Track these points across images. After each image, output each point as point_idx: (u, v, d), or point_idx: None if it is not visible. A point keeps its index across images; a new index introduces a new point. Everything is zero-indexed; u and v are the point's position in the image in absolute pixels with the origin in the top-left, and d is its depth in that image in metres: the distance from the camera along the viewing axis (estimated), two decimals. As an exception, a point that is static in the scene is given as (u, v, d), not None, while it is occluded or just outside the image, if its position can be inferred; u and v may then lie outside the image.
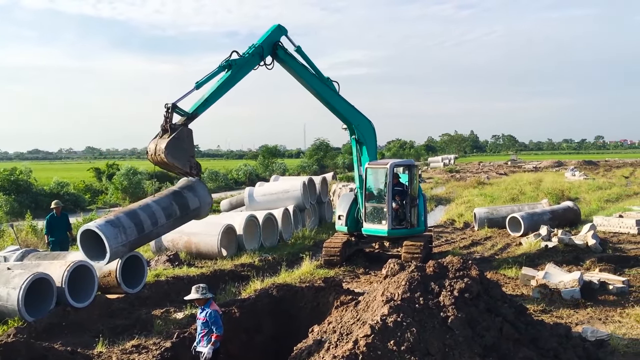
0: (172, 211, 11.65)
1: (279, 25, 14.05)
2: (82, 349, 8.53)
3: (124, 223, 10.65)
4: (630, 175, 51.46)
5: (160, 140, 11.46)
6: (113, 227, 10.39)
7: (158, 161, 11.55)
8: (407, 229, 15.05)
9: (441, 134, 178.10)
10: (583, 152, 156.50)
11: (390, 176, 14.70)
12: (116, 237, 10.27)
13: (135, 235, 10.77)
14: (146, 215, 11.08)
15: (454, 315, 6.51)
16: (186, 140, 11.79)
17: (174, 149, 11.37)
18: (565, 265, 13.60)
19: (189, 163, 11.84)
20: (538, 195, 29.39)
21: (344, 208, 15.76)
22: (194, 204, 12.00)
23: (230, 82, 12.90)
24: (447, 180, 50.02)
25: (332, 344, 6.58)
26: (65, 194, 32.31)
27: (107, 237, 10.25)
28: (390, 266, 7.93)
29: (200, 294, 7.09)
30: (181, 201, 11.88)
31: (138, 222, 10.88)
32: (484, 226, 20.63)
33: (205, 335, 7.08)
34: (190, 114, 12.06)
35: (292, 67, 14.25)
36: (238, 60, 12.96)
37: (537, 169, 65.92)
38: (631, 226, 18.82)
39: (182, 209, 11.78)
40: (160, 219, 11.38)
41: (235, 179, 50.57)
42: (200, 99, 12.46)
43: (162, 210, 11.46)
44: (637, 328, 9.11)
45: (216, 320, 7.09)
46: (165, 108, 11.66)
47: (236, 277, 13.52)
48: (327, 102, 14.94)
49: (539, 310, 10.09)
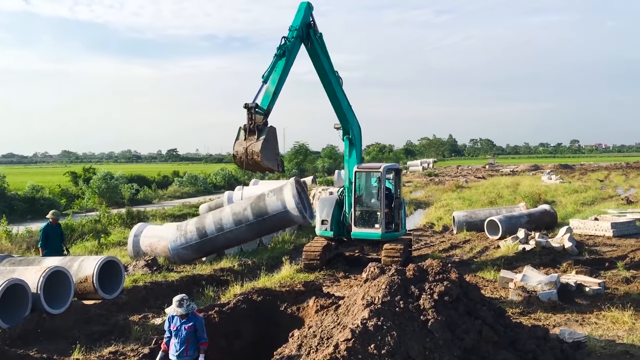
0: (242, 217, 11.34)
1: (308, 3, 13.94)
2: (58, 356, 8.40)
3: (188, 227, 10.51)
4: (605, 178, 52.28)
5: (253, 144, 11.49)
6: (177, 230, 10.26)
7: (249, 164, 11.57)
8: (396, 231, 15.20)
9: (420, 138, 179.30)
10: (559, 156, 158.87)
11: (384, 180, 14.75)
12: (175, 240, 10.17)
13: (196, 239, 10.54)
14: (212, 220, 10.87)
15: (433, 318, 6.53)
16: (272, 139, 11.94)
17: (266, 150, 11.56)
18: (543, 267, 13.75)
19: (277, 161, 12.00)
20: (515, 199, 29.73)
21: (327, 213, 15.32)
22: (275, 208, 11.53)
23: (287, 68, 12.98)
24: (426, 184, 50.33)
25: (313, 348, 6.55)
26: (40, 198, 31.79)
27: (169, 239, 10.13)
28: (370, 270, 7.93)
29: (186, 309, 6.83)
30: (258, 205, 11.53)
31: (201, 227, 10.78)
32: (463, 229, 20.79)
33: (190, 344, 6.89)
34: (266, 110, 12.10)
35: (317, 50, 14.19)
36: (288, 46, 13.03)
37: (515, 173, 66.72)
38: (606, 229, 19.11)
39: (258, 214, 11.42)
40: (226, 224, 11.13)
41: (214, 183, 50.27)
42: (267, 93, 12.48)
43: (232, 216, 11.20)
44: (614, 329, 9.25)
45: (204, 328, 6.99)
46: (247, 109, 11.80)
47: (215, 281, 13.40)
48: (334, 96, 14.87)
49: (517, 312, 10.17)
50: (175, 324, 6.92)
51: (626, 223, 19.69)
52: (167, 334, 7.02)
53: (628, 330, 9.15)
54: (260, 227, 11.69)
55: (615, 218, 20.75)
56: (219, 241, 11.62)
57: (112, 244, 19.74)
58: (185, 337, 6.87)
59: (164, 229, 17.13)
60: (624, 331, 9.09)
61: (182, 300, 6.90)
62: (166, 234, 16.31)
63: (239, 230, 11.38)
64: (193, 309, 6.98)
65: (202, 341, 6.95)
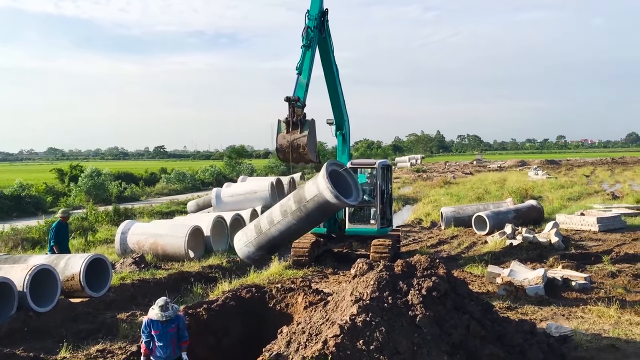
0: (287, 207, 11.48)
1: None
2: (45, 354, 8.34)
3: (249, 225, 10.68)
4: (591, 174, 52.76)
5: (299, 137, 11.79)
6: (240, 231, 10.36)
7: (294, 157, 11.74)
8: (388, 227, 15.39)
9: (408, 134, 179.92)
10: (545, 152, 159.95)
11: (379, 176, 14.80)
12: (240, 240, 10.28)
13: (254, 235, 10.70)
14: (265, 215, 11.08)
15: (422, 313, 6.56)
16: (313, 131, 12.28)
17: (312, 144, 11.96)
18: (530, 262, 13.85)
19: (316, 152, 12.44)
20: (503, 194, 29.91)
21: None
22: (311, 193, 11.54)
23: (313, 58, 13.13)
24: (414, 180, 50.48)
25: (302, 344, 6.55)
26: (26, 196, 31.47)
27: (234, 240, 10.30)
28: (359, 266, 7.94)
29: (172, 311, 6.76)
30: (299, 193, 11.71)
31: (257, 223, 10.97)
32: (451, 225, 20.88)
33: (175, 343, 6.83)
34: (304, 102, 12.32)
35: (328, 39, 14.25)
36: (312, 35, 13.18)
37: (502, 169, 67.11)
38: (592, 224, 19.28)
39: (298, 201, 11.54)
40: (275, 217, 11.32)
41: (202, 179, 50.02)
42: (301, 84, 12.64)
43: (279, 207, 11.39)
44: (599, 323, 9.33)
45: (185, 326, 6.96)
46: (288, 102, 12.03)
47: (203, 278, 13.36)
48: (335, 89, 14.91)
49: (504, 307, 10.24)
50: (157, 328, 6.77)
51: (611, 218, 19.88)
52: (145, 338, 6.88)
53: (614, 324, 9.23)
54: (302, 214, 11.71)
55: (601, 213, 20.96)
56: (272, 234, 11.77)
57: (99, 241, 19.61)
58: (170, 338, 6.81)
59: (151, 226, 17.08)
60: (609, 325, 9.17)
61: (166, 304, 6.77)
62: (154, 231, 16.27)
63: (286, 220, 11.51)
64: (177, 310, 6.93)
65: (184, 339, 6.89)
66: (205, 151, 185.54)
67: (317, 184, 11.58)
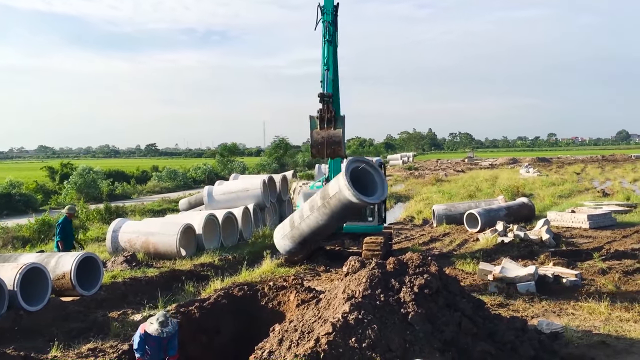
0: (314, 202, 11.65)
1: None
2: (36, 353, 8.28)
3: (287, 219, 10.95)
4: (582, 171, 53.04)
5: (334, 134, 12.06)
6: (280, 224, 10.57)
7: (328, 153, 12.09)
8: (383, 224, 15.53)
9: (400, 132, 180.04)
10: (536, 150, 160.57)
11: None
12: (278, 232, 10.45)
13: (288, 229, 10.87)
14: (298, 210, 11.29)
15: (414, 311, 6.58)
16: (344, 127, 12.60)
17: (344, 140, 12.25)
18: (521, 259, 13.89)
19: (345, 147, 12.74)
20: (494, 192, 30.02)
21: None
22: (334, 189, 11.62)
23: (336, 52, 13.40)
24: (406, 177, 50.61)
25: (294, 342, 6.55)
26: (17, 194, 31.25)
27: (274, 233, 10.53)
28: (351, 264, 7.95)
29: (172, 327, 6.69)
30: (325, 190, 11.89)
31: (291, 218, 11.05)
32: (443, 223, 20.94)
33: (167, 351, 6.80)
34: (332, 97, 12.54)
35: (336, 33, 14.26)
36: (330, 29, 13.38)
37: (493, 166, 67.37)
38: (583, 221, 19.40)
39: (323, 197, 11.73)
40: (305, 212, 11.50)
41: (194, 177, 49.91)
42: (327, 80, 12.87)
43: (308, 203, 11.58)
44: (590, 320, 9.39)
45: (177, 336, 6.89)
46: (321, 99, 12.27)
47: (195, 277, 13.33)
48: (336, 84, 14.80)
49: (496, 304, 10.27)
50: (154, 341, 6.69)
51: (602, 215, 20.02)
52: (139, 354, 6.77)
53: (604, 320, 9.30)
54: (327, 210, 11.84)
55: (592, 210, 21.09)
56: (303, 229, 12.00)
57: (90, 239, 19.54)
58: (161, 349, 6.78)
59: (143, 225, 17.01)
60: (600, 321, 9.23)
61: (166, 319, 6.67)
62: (145, 229, 16.20)
63: (314, 215, 11.68)
64: (176, 325, 6.87)
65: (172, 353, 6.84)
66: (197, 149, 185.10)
67: (339, 181, 11.69)
